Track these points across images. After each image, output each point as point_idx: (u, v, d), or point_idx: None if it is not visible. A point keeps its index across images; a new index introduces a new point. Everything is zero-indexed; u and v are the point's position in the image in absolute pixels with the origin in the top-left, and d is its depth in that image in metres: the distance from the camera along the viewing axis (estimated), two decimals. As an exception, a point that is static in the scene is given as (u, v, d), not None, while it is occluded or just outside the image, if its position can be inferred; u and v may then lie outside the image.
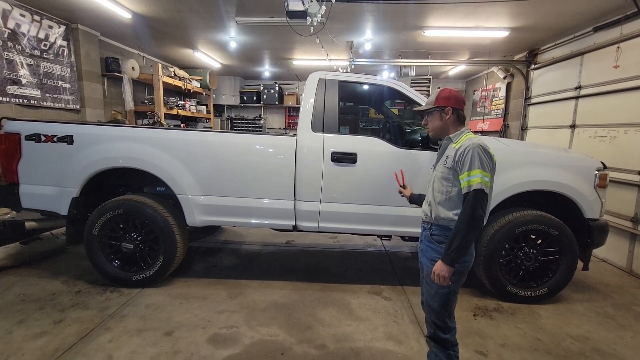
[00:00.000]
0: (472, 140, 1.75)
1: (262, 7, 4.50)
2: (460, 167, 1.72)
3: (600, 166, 3.09)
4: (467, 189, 1.68)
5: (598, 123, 4.60)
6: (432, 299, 1.83)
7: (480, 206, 1.65)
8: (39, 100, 4.93)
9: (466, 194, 1.69)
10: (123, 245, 3.06)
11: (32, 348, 2.27)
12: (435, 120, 1.91)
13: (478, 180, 1.66)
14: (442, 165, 1.83)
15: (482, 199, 1.66)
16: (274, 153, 3.10)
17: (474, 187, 1.65)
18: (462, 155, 1.72)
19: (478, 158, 1.68)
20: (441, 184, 1.81)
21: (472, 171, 1.67)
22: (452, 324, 1.85)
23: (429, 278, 1.81)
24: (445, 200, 1.79)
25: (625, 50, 4.13)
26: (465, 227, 1.65)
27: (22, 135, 2.97)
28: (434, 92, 1.94)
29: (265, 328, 2.60)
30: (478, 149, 1.70)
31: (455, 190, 1.77)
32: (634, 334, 2.72)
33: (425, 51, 6.52)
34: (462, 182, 1.71)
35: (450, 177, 1.78)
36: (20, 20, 4.58)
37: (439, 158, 1.91)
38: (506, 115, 7.12)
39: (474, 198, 1.65)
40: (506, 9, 4.36)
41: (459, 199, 1.76)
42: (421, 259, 1.95)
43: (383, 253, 4.41)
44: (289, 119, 10.60)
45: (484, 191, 1.66)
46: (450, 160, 1.77)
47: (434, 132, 1.94)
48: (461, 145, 1.76)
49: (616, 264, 4.20)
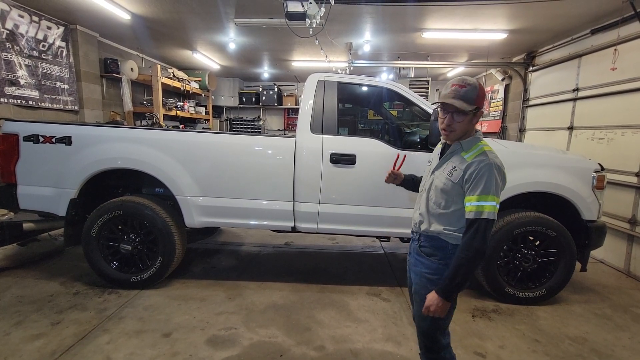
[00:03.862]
0: (488, 156, 1.48)
1: (261, 8, 4.51)
2: (470, 187, 1.47)
3: (598, 168, 3.11)
4: (475, 214, 1.44)
5: (596, 125, 4.62)
6: (423, 319, 1.62)
7: (487, 238, 1.44)
8: (37, 101, 4.91)
9: (473, 220, 1.45)
10: (121, 246, 3.05)
11: (30, 350, 2.26)
12: (465, 124, 1.54)
13: (491, 209, 1.43)
14: (446, 176, 1.56)
15: (490, 229, 1.46)
16: (273, 154, 3.10)
17: (485, 215, 1.43)
18: (475, 174, 1.46)
19: (495, 182, 1.45)
20: (440, 196, 1.58)
21: (485, 196, 1.43)
22: (446, 340, 1.67)
23: (417, 295, 1.65)
24: (441, 215, 1.58)
25: (623, 53, 4.16)
26: (471, 261, 1.44)
27: (20, 136, 2.97)
28: (467, 87, 1.50)
29: (264, 329, 2.60)
30: (495, 170, 1.46)
31: (455, 208, 1.55)
32: (631, 335, 2.73)
33: (424, 53, 6.54)
34: (470, 205, 1.46)
35: (453, 193, 1.54)
36: (18, 20, 4.57)
37: (441, 163, 1.63)
38: (504, 117, 7.15)
39: (485, 229, 1.43)
40: (504, 11, 4.38)
41: (458, 219, 1.55)
42: (409, 272, 1.77)
43: (382, 254, 4.41)
44: (288, 120, 10.60)
45: (494, 221, 1.46)
46: (458, 175, 1.51)
47: (456, 136, 1.57)
48: (475, 160, 1.49)
49: (614, 265, 4.21)
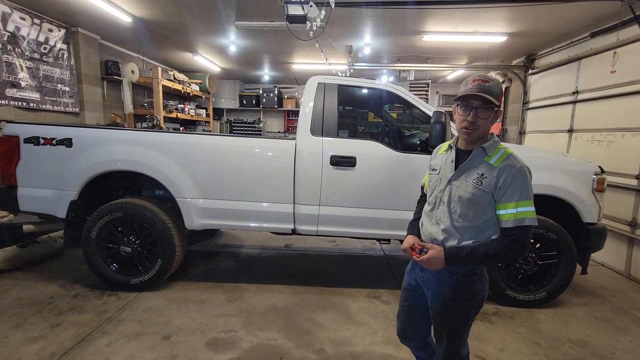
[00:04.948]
0: (516, 159, 1.42)
1: (261, 11, 4.53)
2: (504, 193, 1.39)
3: (598, 170, 3.11)
4: (515, 222, 1.38)
5: (595, 127, 4.62)
6: (448, 336, 1.54)
7: (527, 246, 1.40)
8: (38, 103, 4.92)
9: (512, 228, 1.39)
10: (121, 248, 3.05)
11: (29, 352, 2.26)
12: (489, 122, 1.44)
13: (532, 214, 1.38)
14: (474, 185, 1.43)
15: (530, 236, 1.41)
16: (273, 156, 3.10)
17: (527, 222, 1.37)
18: (510, 179, 1.39)
19: (529, 186, 1.39)
20: (467, 207, 1.45)
21: (522, 202, 1.38)
22: (466, 351, 1.60)
23: (440, 317, 1.54)
24: (469, 228, 1.46)
25: (622, 56, 4.17)
26: (504, 258, 1.42)
27: (21, 137, 2.97)
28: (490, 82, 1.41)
29: (263, 332, 2.59)
30: (528, 174, 1.41)
31: (485, 218, 1.45)
32: (632, 338, 2.72)
33: (424, 56, 6.55)
34: (506, 213, 1.39)
35: (484, 202, 1.43)
36: (20, 23, 4.59)
37: (462, 171, 1.48)
38: (504, 119, 7.16)
39: (527, 237, 1.39)
40: (504, 14, 4.40)
41: (485, 229, 1.46)
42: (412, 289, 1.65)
43: (382, 257, 4.41)
44: (288, 123, 10.61)
45: (535, 227, 1.41)
46: (490, 183, 1.40)
47: (480, 134, 1.45)
48: (505, 164, 1.41)
49: (614, 268, 4.20)
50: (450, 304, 1.51)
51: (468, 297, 1.50)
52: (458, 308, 1.50)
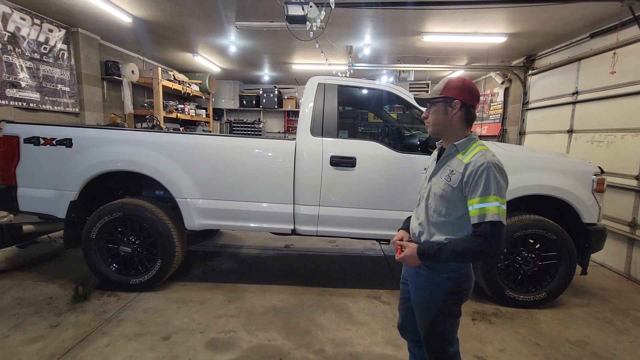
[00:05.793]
0: (485, 155, 1.43)
1: (261, 12, 4.53)
2: (470, 189, 1.41)
3: (598, 171, 3.11)
4: (478, 218, 1.39)
5: (595, 128, 4.62)
6: (428, 330, 1.58)
7: (497, 243, 1.37)
8: (38, 104, 4.92)
9: (476, 224, 1.39)
10: (121, 248, 3.05)
11: (29, 352, 2.25)
12: (438, 114, 1.54)
13: (494, 209, 1.36)
14: (445, 181, 1.50)
15: (499, 232, 1.36)
16: (273, 157, 3.10)
17: (488, 218, 1.36)
18: (473, 175, 1.41)
19: (495, 181, 1.38)
20: (440, 203, 1.51)
21: (486, 197, 1.37)
22: (455, 349, 1.61)
23: (420, 309, 1.60)
24: (443, 223, 1.51)
25: (622, 56, 4.17)
26: (473, 255, 1.41)
27: (21, 138, 2.97)
28: (442, 80, 1.59)
29: (263, 332, 2.59)
30: (494, 169, 1.40)
31: (458, 215, 1.48)
32: (632, 339, 2.72)
33: (424, 56, 6.56)
34: (472, 209, 1.41)
35: (454, 198, 1.47)
36: (20, 23, 4.59)
37: (438, 168, 1.58)
38: (504, 120, 7.16)
39: (492, 233, 1.36)
40: (504, 15, 4.40)
41: (461, 227, 1.49)
42: (407, 282, 1.70)
43: (382, 257, 4.41)
44: (288, 123, 10.62)
45: (502, 223, 1.37)
46: (457, 179, 1.45)
47: (434, 128, 1.58)
48: (472, 160, 1.44)
49: (614, 268, 4.20)
50: (429, 298, 1.56)
51: (446, 292, 1.52)
52: (435, 302, 1.54)
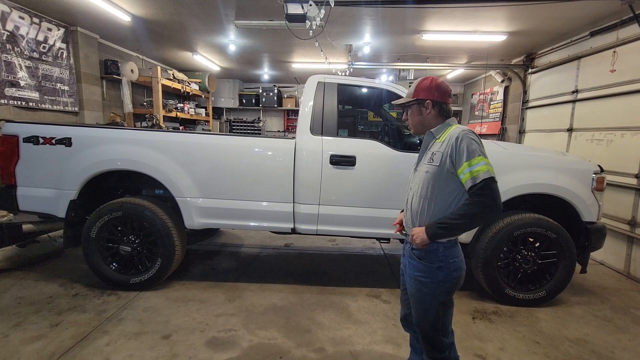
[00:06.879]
0: (458, 128, 1.56)
1: (261, 10, 4.52)
2: (456, 159, 1.50)
3: (598, 169, 3.11)
4: (472, 181, 1.46)
5: (595, 126, 4.62)
6: (421, 319, 1.65)
7: (495, 198, 1.44)
8: (38, 103, 4.92)
9: (472, 187, 1.46)
10: (121, 248, 3.05)
11: (29, 351, 2.26)
12: (414, 116, 1.68)
13: (484, 168, 1.45)
14: (428, 164, 1.60)
15: (494, 188, 1.45)
16: (273, 156, 3.10)
17: (481, 177, 1.44)
18: (453, 146, 1.50)
19: (475, 144, 1.49)
20: (427, 187, 1.59)
21: (472, 160, 1.46)
22: (450, 339, 1.68)
23: (413, 298, 1.67)
24: (431, 206, 1.58)
25: (622, 55, 4.17)
26: (477, 216, 1.46)
27: (20, 137, 2.97)
28: (414, 82, 1.70)
29: (263, 331, 2.60)
30: (470, 135, 1.51)
31: (448, 190, 1.55)
32: (632, 337, 2.73)
33: (424, 55, 6.55)
34: (463, 176, 1.48)
35: (443, 176, 1.55)
36: (19, 22, 4.58)
37: (420, 157, 1.71)
38: (504, 118, 7.15)
39: (488, 191, 1.43)
40: (503, 13, 4.39)
41: (444, 209, 1.56)
42: (404, 274, 1.78)
43: (381, 256, 4.41)
44: (288, 122, 10.61)
45: (494, 179, 1.45)
46: (439, 157, 1.55)
47: (414, 128, 1.72)
48: (448, 136, 1.55)
49: (614, 267, 4.21)
50: (421, 287, 1.63)
51: (437, 281, 1.60)
52: (427, 292, 1.62)
